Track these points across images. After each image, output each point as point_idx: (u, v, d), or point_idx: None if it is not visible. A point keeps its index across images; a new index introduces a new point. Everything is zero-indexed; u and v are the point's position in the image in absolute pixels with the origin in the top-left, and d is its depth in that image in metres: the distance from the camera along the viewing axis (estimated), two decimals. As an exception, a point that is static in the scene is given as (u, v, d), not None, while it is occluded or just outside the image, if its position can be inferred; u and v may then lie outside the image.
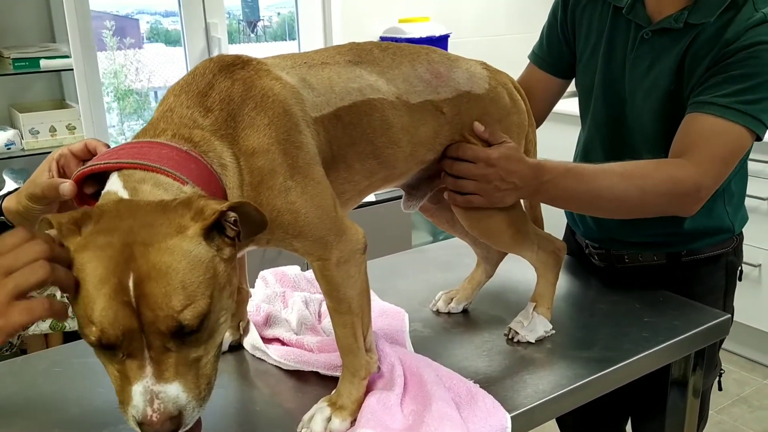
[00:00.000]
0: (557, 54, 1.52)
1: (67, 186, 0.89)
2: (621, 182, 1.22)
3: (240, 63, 0.95)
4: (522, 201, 1.30)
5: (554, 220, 1.69)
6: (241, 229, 0.81)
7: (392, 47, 1.15)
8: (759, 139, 1.25)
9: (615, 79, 1.41)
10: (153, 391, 0.75)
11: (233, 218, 0.80)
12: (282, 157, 0.91)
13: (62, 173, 0.97)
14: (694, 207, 1.26)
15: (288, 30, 3.42)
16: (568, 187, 1.22)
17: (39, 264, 0.71)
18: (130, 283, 0.73)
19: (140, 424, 0.75)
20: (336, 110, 1.01)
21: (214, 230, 0.79)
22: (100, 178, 0.86)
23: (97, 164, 0.84)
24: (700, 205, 1.26)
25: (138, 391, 0.75)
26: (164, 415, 0.75)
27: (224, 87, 0.91)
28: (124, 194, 0.81)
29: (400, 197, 1.30)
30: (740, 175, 1.44)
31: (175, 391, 0.76)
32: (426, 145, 1.14)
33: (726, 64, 1.23)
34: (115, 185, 0.82)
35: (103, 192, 0.83)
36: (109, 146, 0.97)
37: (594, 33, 1.44)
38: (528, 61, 1.58)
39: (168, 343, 0.75)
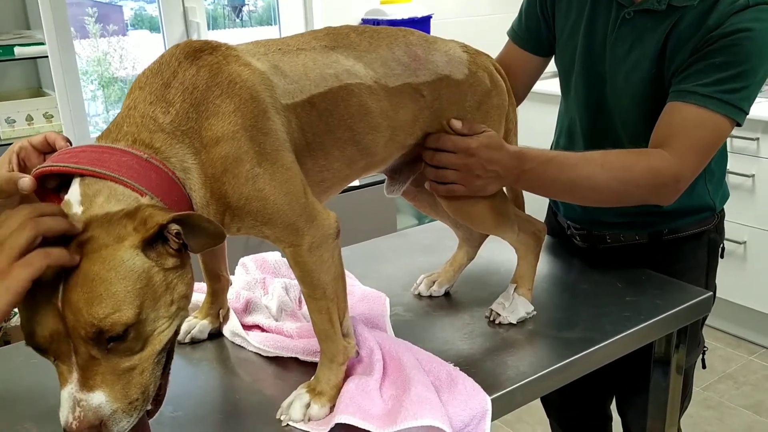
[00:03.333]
0: (536, 31, 1.50)
1: (26, 181, 0.88)
2: (601, 173, 1.22)
3: (208, 48, 0.93)
4: None
5: (536, 203, 1.68)
6: (191, 241, 0.82)
7: (369, 30, 1.13)
8: (739, 125, 1.24)
9: (595, 59, 1.39)
10: (76, 398, 0.76)
11: (175, 230, 0.80)
12: (249, 144, 0.90)
13: (23, 166, 0.96)
14: (672, 197, 1.27)
15: (273, 14, 3.38)
16: (548, 176, 1.22)
17: (24, 223, 0.74)
18: (60, 289, 0.75)
19: (63, 430, 0.77)
20: (310, 97, 1.00)
21: (158, 240, 0.80)
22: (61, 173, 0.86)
23: (56, 165, 0.84)
24: (677, 195, 1.26)
25: (64, 396, 0.77)
26: (84, 424, 0.76)
27: (189, 75, 0.90)
28: (80, 205, 0.81)
29: (384, 181, 1.29)
30: (720, 153, 1.44)
31: (97, 400, 0.77)
32: (406, 130, 1.13)
33: (708, 51, 1.22)
34: (74, 194, 0.82)
35: (64, 199, 0.84)
36: (69, 140, 0.96)
37: (574, 11, 1.42)
38: (506, 38, 1.56)
39: (92, 350, 0.76)
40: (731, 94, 1.20)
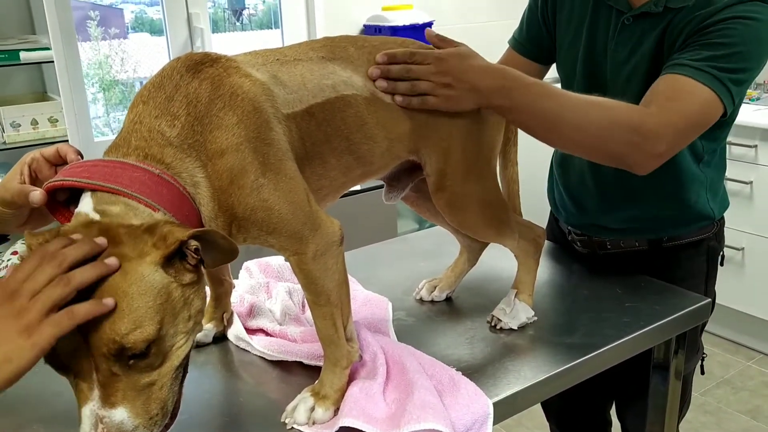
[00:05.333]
0: (537, 39, 1.52)
1: (36, 195, 0.89)
2: (587, 108, 1.18)
3: (208, 61, 0.94)
4: (501, 188, 1.30)
5: (537, 210, 1.71)
6: (207, 257, 0.83)
7: (367, 45, 1.14)
8: (724, 114, 1.23)
9: (597, 66, 1.41)
10: (98, 415, 0.77)
11: (195, 247, 0.81)
12: (252, 155, 0.91)
13: (34, 177, 0.97)
14: (650, 161, 1.20)
15: (274, 18, 3.40)
16: (531, 98, 1.17)
17: (56, 281, 0.75)
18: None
19: None
20: (309, 107, 1.01)
21: (176, 257, 0.81)
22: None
23: (68, 180, 0.85)
24: (656, 161, 1.20)
25: (85, 413, 0.77)
26: None
27: (191, 89, 0.91)
28: (95, 217, 0.82)
29: (384, 186, 1.30)
30: (719, 162, 1.46)
31: (120, 416, 0.77)
32: (403, 142, 1.14)
33: (703, 34, 1.23)
34: (86, 207, 0.83)
35: (75, 212, 0.84)
36: (80, 153, 0.97)
37: (575, 19, 1.44)
38: (507, 46, 1.58)
39: (114, 366, 0.77)
40: (722, 72, 1.20)
